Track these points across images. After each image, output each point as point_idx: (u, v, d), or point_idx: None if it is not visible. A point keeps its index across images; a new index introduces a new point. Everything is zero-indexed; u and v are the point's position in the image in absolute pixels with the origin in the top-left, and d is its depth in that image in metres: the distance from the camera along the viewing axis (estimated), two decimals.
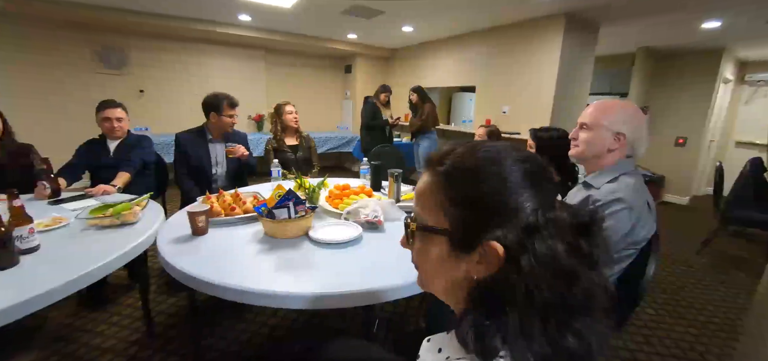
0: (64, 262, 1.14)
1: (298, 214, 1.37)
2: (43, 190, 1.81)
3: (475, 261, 0.46)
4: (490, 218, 0.45)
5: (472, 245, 0.45)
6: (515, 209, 0.44)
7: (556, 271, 0.42)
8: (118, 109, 2.28)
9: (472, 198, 0.46)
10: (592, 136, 1.20)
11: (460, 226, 0.47)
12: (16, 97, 4.15)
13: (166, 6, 3.85)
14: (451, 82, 5.06)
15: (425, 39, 5.17)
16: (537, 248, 0.42)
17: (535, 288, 0.41)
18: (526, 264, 0.42)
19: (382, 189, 2.20)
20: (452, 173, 0.49)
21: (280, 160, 2.69)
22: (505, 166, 0.46)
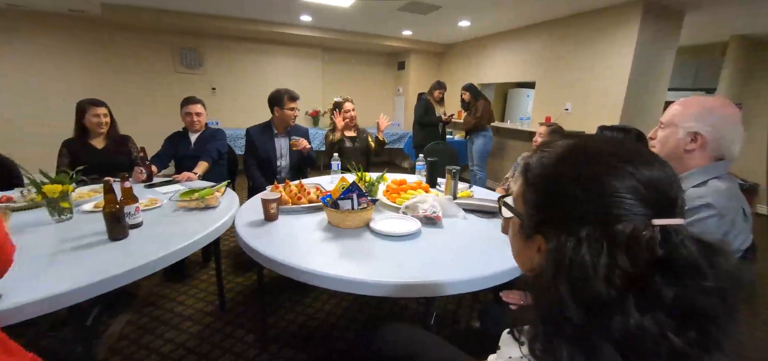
0: (162, 237, 1.31)
1: (361, 205, 1.43)
2: (140, 174, 2.08)
3: (534, 250, 0.50)
4: (549, 216, 0.47)
5: (531, 234, 0.50)
6: (573, 216, 0.43)
7: (587, 293, 0.38)
8: (198, 105, 2.54)
9: (539, 192, 0.49)
10: (665, 135, 1.11)
11: (527, 213, 0.51)
12: (111, 94, 4.78)
13: (237, 9, 4.17)
14: (508, 78, 4.88)
15: (481, 33, 5.03)
16: (575, 259, 0.40)
17: (559, 302, 0.40)
18: (559, 271, 0.41)
19: (438, 186, 2.20)
20: (532, 165, 0.51)
21: (340, 150, 2.81)
22: (579, 170, 0.45)
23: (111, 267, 1.06)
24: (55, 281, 0.98)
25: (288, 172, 2.62)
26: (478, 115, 3.97)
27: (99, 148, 2.37)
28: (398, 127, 6.21)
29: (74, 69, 4.63)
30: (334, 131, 2.89)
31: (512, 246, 0.58)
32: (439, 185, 2.21)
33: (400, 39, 5.45)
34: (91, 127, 2.34)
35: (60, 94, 4.61)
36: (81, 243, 1.23)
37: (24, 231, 1.35)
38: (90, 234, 1.32)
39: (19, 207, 1.59)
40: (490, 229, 1.54)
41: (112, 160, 2.40)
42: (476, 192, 2.14)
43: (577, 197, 0.43)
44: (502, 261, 1.18)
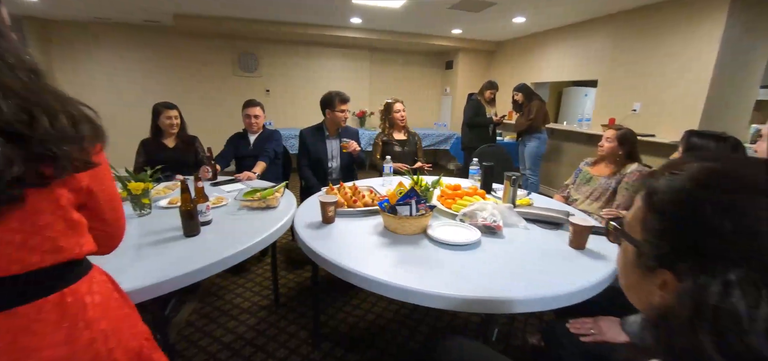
0: (230, 235, 1.38)
1: (419, 212, 1.40)
2: (206, 173, 2.23)
3: (656, 285, 0.43)
4: (681, 249, 0.40)
5: (653, 267, 0.43)
6: (717, 254, 0.37)
7: (739, 347, 0.33)
8: (257, 107, 2.67)
9: (669, 220, 0.42)
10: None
11: (648, 243, 0.44)
12: (179, 96, 5.20)
13: (292, 14, 4.33)
14: (567, 76, 4.58)
15: (537, 30, 4.77)
16: (723, 306, 0.34)
17: (700, 352, 0.34)
18: (700, 317, 0.35)
19: (493, 192, 2.11)
20: (659, 188, 0.44)
21: (389, 153, 2.80)
22: (728, 199, 0.38)
23: (190, 263, 1.13)
24: (142, 274, 1.06)
25: (338, 173, 2.66)
26: (531, 116, 3.77)
27: (170, 148, 2.58)
28: (444, 127, 6.09)
29: (148, 73, 5.11)
30: (383, 133, 2.90)
31: (623, 276, 0.52)
32: (494, 190, 2.11)
33: (449, 38, 5.33)
34: (164, 128, 2.54)
35: (136, 96, 5.11)
36: (160, 238, 1.33)
37: None
38: (167, 229, 1.42)
39: None
40: (553, 241, 1.44)
41: (181, 158, 2.59)
42: (535, 200, 2.02)
43: (724, 232, 0.37)
44: (568, 280, 1.10)
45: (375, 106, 5.99)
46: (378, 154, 2.86)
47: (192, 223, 1.33)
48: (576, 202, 2.20)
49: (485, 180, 2.10)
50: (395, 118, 2.84)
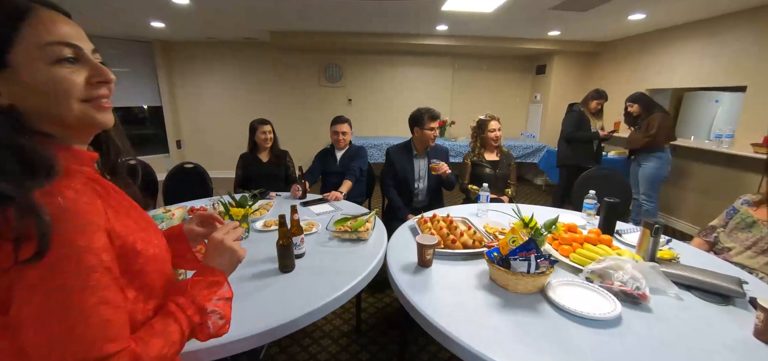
0: (326, 273, 1.31)
1: (539, 269, 1.16)
2: (297, 191, 2.25)
3: None
4: None
5: None
6: None
7: None
8: (344, 124, 2.65)
9: None
10: None
11: None
12: (271, 106, 5.59)
13: (377, 25, 4.31)
14: (698, 82, 3.75)
15: (655, 27, 4.00)
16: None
17: None
18: None
19: (617, 235, 1.73)
20: None
21: (478, 176, 2.56)
22: None
23: (289, 307, 1.07)
24: (242, 319, 1.02)
25: (425, 194, 2.50)
26: (652, 131, 3.13)
27: (264, 162, 2.69)
28: (533, 138, 5.54)
29: (247, 86, 5.59)
30: (473, 152, 2.65)
31: None
32: (618, 235, 1.74)
33: (544, 41, 4.81)
34: (259, 143, 2.67)
35: (235, 109, 5.64)
36: (258, 271, 1.31)
37: None
38: (264, 259, 1.41)
39: None
40: (725, 324, 1.08)
41: (274, 172, 2.70)
42: (676, 248, 1.60)
43: None
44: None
45: (456, 115, 5.71)
46: (467, 177, 2.61)
47: (288, 259, 1.29)
48: (729, 252, 1.72)
49: (608, 221, 1.74)
50: (488, 138, 2.57)
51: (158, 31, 4.56)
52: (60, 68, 0.53)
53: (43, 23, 0.52)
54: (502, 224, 1.81)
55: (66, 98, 0.54)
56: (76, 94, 0.55)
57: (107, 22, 4.16)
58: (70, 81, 0.54)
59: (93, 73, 0.57)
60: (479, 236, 1.56)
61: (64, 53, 0.53)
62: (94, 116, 0.58)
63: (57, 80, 0.53)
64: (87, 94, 0.56)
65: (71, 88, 0.54)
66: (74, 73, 0.55)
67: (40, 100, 0.53)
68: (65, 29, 0.55)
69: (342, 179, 2.51)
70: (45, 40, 0.52)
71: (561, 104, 5.29)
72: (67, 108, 0.54)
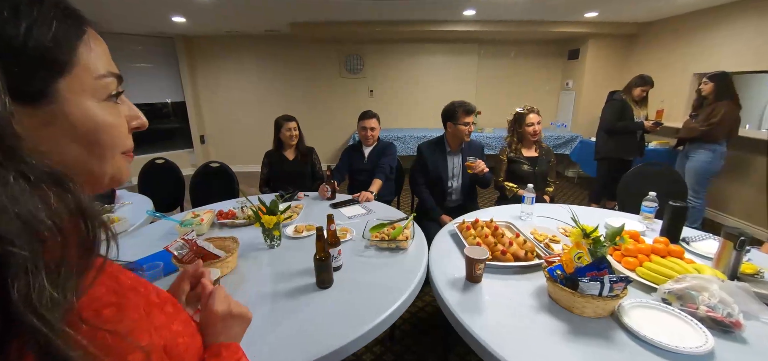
0: (366, 288, 1.21)
1: (613, 292, 1.02)
2: (326, 191, 2.16)
3: None
4: None
5: None
6: None
7: None
8: (373, 120, 2.53)
9: None
10: None
11: None
12: (292, 98, 5.53)
13: (401, 12, 4.13)
14: (753, 64, 3.39)
15: (706, 3, 3.63)
16: None
17: None
18: None
19: (684, 242, 1.55)
20: None
21: (514, 173, 2.40)
22: None
23: (332, 336, 0.97)
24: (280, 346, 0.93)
25: (459, 193, 2.36)
26: (713, 120, 2.84)
27: (290, 160, 2.61)
28: (564, 128, 5.25)
29: (268, 78, 5.54)
30: (509, 148, 2.48)
31: None
32: (685, 243, 1.55)
33: (578, 23, 4.50)
34: (285, 140, 2.58)
35: (256, 103, 5.61)
36: (293, 286, 1.22)
37: (246, 255, 1.46)
38: (298, 271, 1.32)
39: (241, 224, 1.79)
40: None
41: (300, 170, 2.62)
42: (755, 258, 1.41)
43: None
44: None
45: (482, 105, 5.48)
46: (502, 174, 2.46)
47: (327, 275, 1.19)
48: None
49: (672, 227, 1.56)
50: (526, 132, 2.39)
51: (179, 26, 4.53)
52: (110, 108, 0.41)
53: (96, 45, 0.39)
54: (550, 230, 1.66)
55: (111, 149, 0.41)
56: (121, 145, 0.43)
57: (130, 18, 4.15)
58: (119, 127, 0.42)
59: (132, 115, 0.45)
60: (530, 245, 1.42)
61: (112, 88, 0.41)
62: (124, 174, 0.45)
63: (106, 125, 0.40)
64: (126, 142, 0.44)
65: (119, 137, 0.42)
66: (120, 115, 0.43)
67: (80, 150, 0.38)
68: (108, 53, 0.42)
69: (371, 177, 2.40)
70: (99, 69, 0.39)
71: (596, 91, 4.99)
72: (110, 162, 0.41)
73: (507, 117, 2.55)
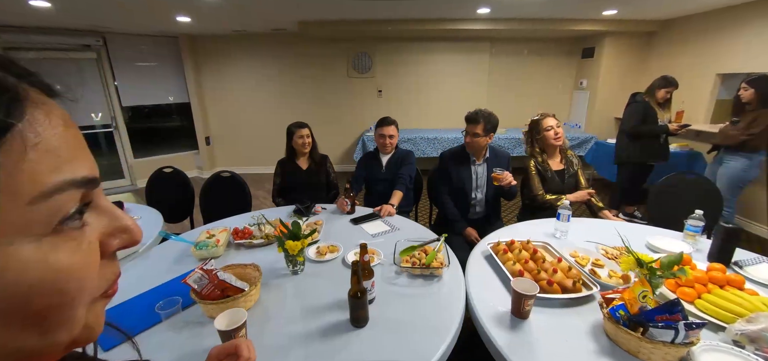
0: (404, 329, 1.10)
1: (688, 339, 0.91)
2: (345, 206, 2.05)
3: None
4: None
5: None
6: None
7: None
8: (391, 127, 2.42)
9: None
10: None
11: None
12: (299, 98, 5.41)
13: (411, 10, 3.99)
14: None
15: (734, 1, 3.48)
16: None
17: None
18: None
19: (736, 266, 1.44)
20: None
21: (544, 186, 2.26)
22: None
23: None
24: None
25: (483, 205, 2.25)
26: (754, 130, 2.69)
27: (303, 169, 2.50)
28: (578, 128, 5.12)
29: (272, 80, 5.41)
30: (534, 159, 2.28)
31: None
32: (739, 265, 1.44)
33: (595, 21, 4.36)
34: (297, 149, 2.47)
35: (262, 103, 5.49)
36: (324, 323, 1.12)
37: (268, 283, 1.36)
38: (328, 305, 1.22)
39: (258, 244, 1.69)
40: None
41: (314, 179, 2.51)
42: None
43: None
44: None
45: (493, 105, 5.34)
46: (538, 186, 2.22)
47: (362, 313, 1.09)
48: None
49: (724, 251, 1.45)
50: (547, 138, 2.19)
51: (184, 25, 4.41)
52: (63, 243, 0.24)
53: (38, 135, 0.23)
54: (589, 251, 1.55)
55: (67, 309, 0.24)
56: (88, 293, 0.26)
57: (134, 19, 4.03)
58: (81, 269, 0.25)
59: (111, 230, 0.28)
60: (575, 272, 1.31)
61: (70, 206, 0.24)
62: (100, 323, 0.29)
63: (53, 278, 0.23)
64: (102, 281, 0.28)
65: (83, 283, 0.25)
66: (85, 247, 0.25)
67: (3, 333, 0.22)
68: (66, 135, 0.25)
69: (389, 187, 2.29)
70: (41, 181, 0.22)
71: (612, 91, 4.86)
72: (65, 326, 0.25)
73: (523, 122, 2.39)
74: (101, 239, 0.27)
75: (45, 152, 0.23)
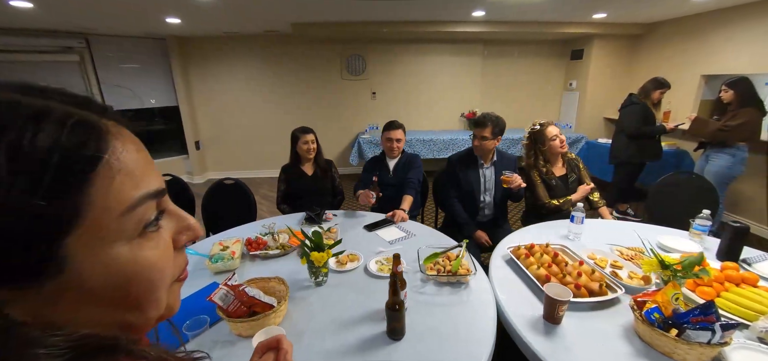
0: (439, 338, 1.09)
1: (723, 339, 0.94)
2: (371, 198, 2.06)
3: None
4: None
5: None
6: None
7: None
8: (398, 130, 2.41)
9: None
10: None
11: None
12: (292, 99, 5.33)
13: (407, 12, 3.99)
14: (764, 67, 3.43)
15: (717, 5, 3.64)
16: None
17: None
18: None
19: (745, 263, 1.50)
20: None
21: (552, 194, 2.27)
22: None
23: None
24: None
25: (492, 208, 2.27)
26: (733, 123, 2.83)
27: (309, 175, 2.47)
28: (569, 128, 5.25)
29: (265, 83, 5.32)
30: (535, 167, 2.27)
31: None
32: (746, 263, 1.51)
33: (585, 24, 4.47)
34: (302, 154, 2.43)
35: (255, 106, 5.39)
36: (361, 336, 1.11)
37: (292, 296, 1.32)
38: (359, 317, 1.20)
39: (274, 255, 1.65)
40: None
41: (319, 186, 2.48)
42: None
43: None
44: None
45: (486, 106, 5.42)
46: (544, 194, 2.24)
47: (399, 325, 1.08)
48: None
49: (732, 249, 1.51)
50: (553, 147, 2.21)
51: (173, 26, 4.27)
52: (147, 243, 0.30)
53: (120, 162, 0.28)
54: (604, 252, 1.59)
55: (155, 291, 0.31)
56: (169, 278, 0.33)
57: (121, 20, 3.88)
58: (162, 260, 0.31)
59: (180, 227, 0.35)
60: (598, 275, 1.34)
61: (150, 214, 0.30)
62: (177, 302, 0.36)
63: (144, 269, 0.30)
64: (176, 269, 0.34)
65: (164, 272, 0.32)
66: (163, 244, 0.32)
67: (108, 311, 0.28)
68: (142, 158, 0.31)
69: (397, 192, 2.29)
70: (127, 198, 0.28)
71: (601, 92, 5.00)
72: (154, 307, 0.32)
73: (516, 122, 2.40)
74: (173, 237, 0.34)
75: (126, 174, 0.28)
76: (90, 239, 0.26)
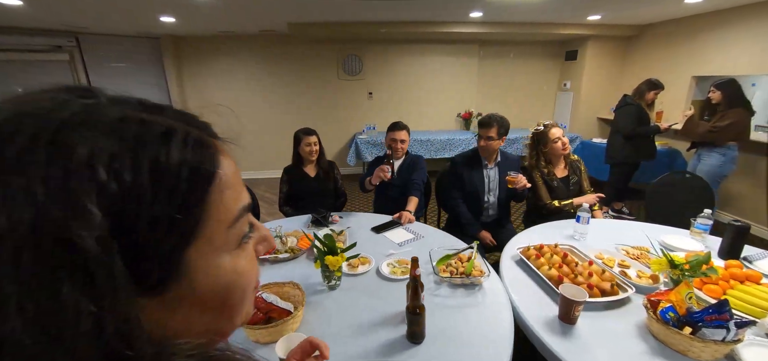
0: (457, 341, 1.10)
1: (737, 336, 0.97)
2: (387, 173, 2.11)
3: None
4: None
5: None
6: None
7: None
8: (403, 131, 2.41)
9: None
10: None
11: None
12: (288, 100, 5.29)
13: (404, 13, 4.00)
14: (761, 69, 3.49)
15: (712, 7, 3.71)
16: None
17: None
18: None
19: (745, 261, 1.55)
20: None
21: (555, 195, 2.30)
22: None
23: None
24: None
25: (496, 208, 2.29)
26: (721, 123, 2.91)
27: (311, 177, 2.45)
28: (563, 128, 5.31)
29: (261, 83, 5.27)
30: (537, 168, 2.29)
31: None
32: (748, 260, 1.55)
33: (580, 25, 4.54)
34: (304, 156, 2.42)
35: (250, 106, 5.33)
36: (382, 341, 1.11)
37: (307, 302, 1.31)
38: (377, 320, 1.20)
39: (284, 259, 1.64)
40: None
41: (322, 187, 2.47)
42: None
43: None
44: None
45: (482, 106, 5.47)
46: (546, 195, 2.26)
47: (419, 329, 1.09)
48: None
49: (734, 248, 1.55)
50: (556, 149, 2.24)
51: (167, 26, 4.20)
52: (242, 254, 0.31)
53: (226, 178, 0.29)
54: (611, 252, 1.62)
55: (245, 300, 0.33)
56: (252, 288, 0.34)
57: (115, 19, 3.80)
58: (251, 271, 0.33)
59: (259, 238, 0.36)
60: (609, 275, 1.36)
61: (246, 228, 0.32)
62: (252, 309, 0.37)
63: (240, 278, 0.31)
64: (257, 278, 0.36)
65: (252, 281, 0.33)
66: (252, 255, 0.34)
67: (209, 318, 0.30)
68: (236, 172, 0.32)
69: (400, 192, 2.30)
70: (232, 212, 0.29)
71: (595, 92, 5.09)
72: (241, 315, 0.33)
73: (511, 122, 2.37)
74: (254, 247, 0.35)
75: (231, 188, 0.29)
76: (205, 249, 0.27)
